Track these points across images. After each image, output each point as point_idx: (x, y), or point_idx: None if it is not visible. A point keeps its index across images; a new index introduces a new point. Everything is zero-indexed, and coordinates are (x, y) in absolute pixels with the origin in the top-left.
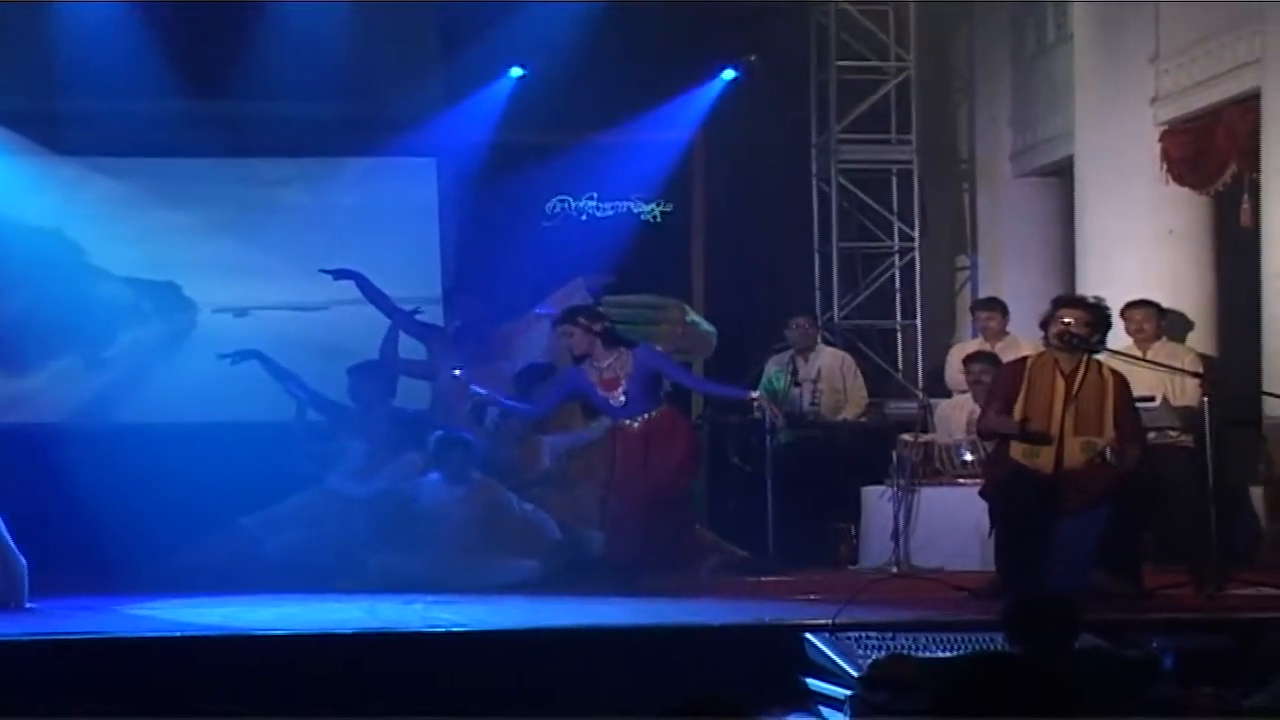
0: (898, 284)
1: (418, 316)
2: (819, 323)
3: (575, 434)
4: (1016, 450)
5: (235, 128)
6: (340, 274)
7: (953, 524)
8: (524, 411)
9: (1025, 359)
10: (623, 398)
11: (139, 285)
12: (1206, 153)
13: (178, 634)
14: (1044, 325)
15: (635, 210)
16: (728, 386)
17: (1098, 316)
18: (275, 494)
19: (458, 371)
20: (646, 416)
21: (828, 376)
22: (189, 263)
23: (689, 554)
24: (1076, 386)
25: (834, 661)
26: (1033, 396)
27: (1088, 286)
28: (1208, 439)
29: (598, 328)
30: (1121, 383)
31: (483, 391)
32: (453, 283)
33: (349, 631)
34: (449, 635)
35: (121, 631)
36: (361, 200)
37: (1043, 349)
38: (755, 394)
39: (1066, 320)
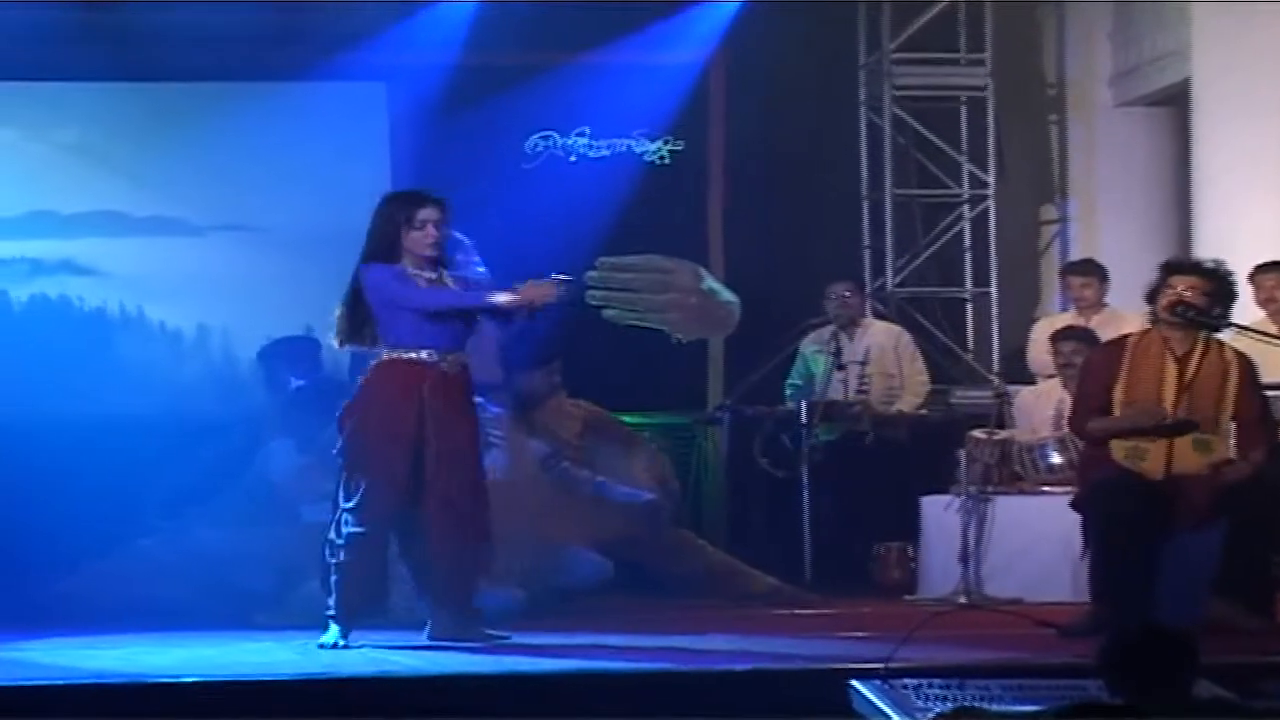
0: (968, 241)
1: None
2: (867, 291)
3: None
4: (1118, 450)
5: (135, 44)
6: None
7: (1035, 543)
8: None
9: (1124, 339)
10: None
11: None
12: None
13: (58, 681)
14: (1151, 297)
15: (637, 150)
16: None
17: (1219, 284)
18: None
19: None
20: (458, 357)
21: (879, 358)
22: (80, 217)
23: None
24: (1192, 372)
25: (886, 715)
26: (1135, 385)
27: (1206, 245)
28: None
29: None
30: (1247, 366)
31: None
32: None
33: (277, 679)
34: (405, 682)
35: None
36: (294, 135)
37: (1148, 325)
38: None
39: (1180, 289)
